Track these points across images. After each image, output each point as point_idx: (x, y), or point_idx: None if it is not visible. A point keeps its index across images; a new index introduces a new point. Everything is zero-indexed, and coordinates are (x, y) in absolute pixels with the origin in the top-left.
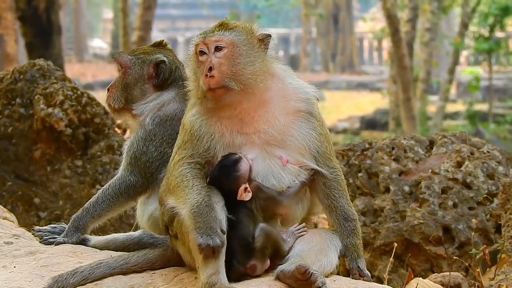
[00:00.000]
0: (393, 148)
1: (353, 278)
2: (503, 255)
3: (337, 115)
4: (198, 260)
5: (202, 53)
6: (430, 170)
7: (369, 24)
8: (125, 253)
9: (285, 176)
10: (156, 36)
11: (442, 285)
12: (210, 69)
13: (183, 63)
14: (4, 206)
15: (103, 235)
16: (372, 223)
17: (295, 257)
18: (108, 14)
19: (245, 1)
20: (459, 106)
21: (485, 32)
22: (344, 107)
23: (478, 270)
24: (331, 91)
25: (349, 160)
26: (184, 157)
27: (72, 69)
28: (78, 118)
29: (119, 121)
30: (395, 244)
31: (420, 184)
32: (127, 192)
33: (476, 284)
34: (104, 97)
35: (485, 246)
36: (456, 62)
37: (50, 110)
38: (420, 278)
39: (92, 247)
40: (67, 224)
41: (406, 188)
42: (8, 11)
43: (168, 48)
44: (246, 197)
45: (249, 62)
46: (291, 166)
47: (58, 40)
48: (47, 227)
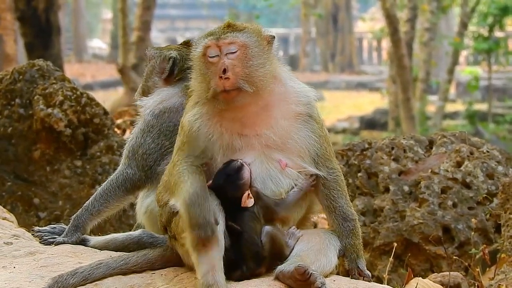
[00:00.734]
0: (393, 148)
1: (353, 278)
2: (503, 255)
3: (337, 115)
4: (194, 258)
5: (214, 55)
6: (430, 170)
7: (369, 24)
8: (125, 253)
9: (284, 180)
10: (155, 37)
11: (442, 285)
12: (224, 71)
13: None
14: (4, 207)
15: (103, 235)
16: (372, 223)
17: (295, 257)
18: (107, 15)
19: (244, 1)
20: (459, 106)
21: (485, 32)
22: (344, 107)
23: (478, 270)
24: (331, 91)
25: (349, 160)
26: (182, 158)
27: (72, 70)
28: (78, 119)
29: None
30: (395, 244)
31: (420, 184)
32: (124, 185)
33: (476, 284)
34: (104, 98)
35: (485, 246)
36: (456, 62)
37: (50, 111)
38: (420, 278)
39: (92, 247)
40: (67, 225)
41: (406, 188)
42: (8, 12)
43: (189, 46)
44: (250, 203)
45: (260, 64)
46: (290, 170)
47: (58, 41)
48: (47, 228)
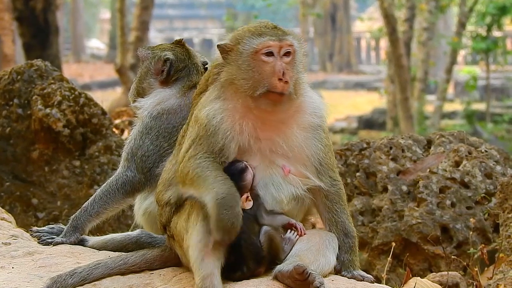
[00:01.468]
0: (391, 148)
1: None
2: (501, 254)
3: (335, 115)
4: (193, 260)
5: (270, 55)
6: (428, 170)
7: (367, 24)
8: (123, 254)
9: (285, 187)
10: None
11: (440, 285)
12: (283, 74)
13: (196, 63)
14: (2, 207)
15: (101, 235)
16: (370, 223)
17: (293, 257)
18: (106, 14)
19: (243, 1)
20: (457, 106)
21: (483, 32)
22: (342, 107)
23: (476, 270)
24: (329, 91)
25: (347, 160)
26: (200, 152)
27: (70, 70)
28: (76, 119)
29: (118, 121)
30: (393, 244)
31: (418, 184)
32: (124, 188)
33: (474, 284)
34: (102, 98)
35: (483, 246)
36: (454, 62)
37: (48, 111)
38: (418, 278)
39: (90, 248)
40: (66, 225)
41: (404, 188)
42: (6, 12)
43: (185, 48)
44: (247, 206)
45: (302, 71)
46: (293, 177)
47: (56, 41)
48: (45, 228)
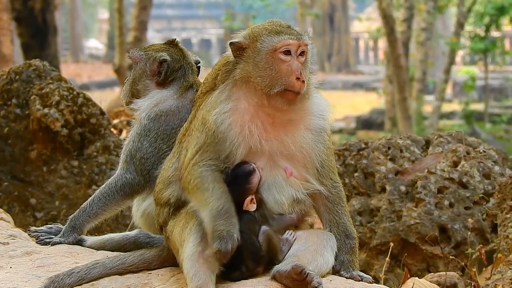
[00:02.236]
0: (389, 148)
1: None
2: (499, 255)
3: (333, 115)
4: (186, 271)
5: (288, 53)
6: (426, 170)
7: (365, 24)
8: (121, 253)
9: (287, 189)
10: (152, 37)
11: (438, 285)
12: (300, 73)
13: (191, 63)
14: (0, 207)
15: (99, 235)
16: (368, 223)
17: (291, 257)
18: (104, 15)
19: (241, 1)
20: (455, 106)
21: (481, 32)
22: (340, 107)
23: (474, 270)
24: (327, 91)
25: (345, 160)
26: (205, 159)
27: (68, 70)
28: (74, 119)
29: (116, 121)
30: (391, 244)
31: (416, 184)
32: (123, 190)
33: (472, 284)
34: (100, 98)
35: (481, 246)
36: (452, 62)
37: (46, 111)
38: (416, 278)
39: (88, 247)
40: (64, 225)
41: (402, 188)
42: (4, 12)
43: (179, 48)
44: (251, 208)
45: (311, 72)
46: (294, 180)
47: (54, 41)
48: (43, 228)
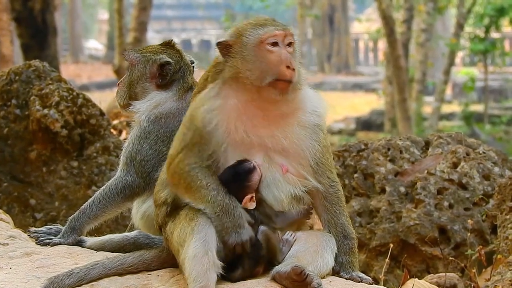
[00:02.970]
0: (389, 149)
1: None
2: (499, 256)
3: (333, 116)
4: (187, 273)
5: (275, 45)
6: (426, 171)
7: (365, 25)
8: (121, 254)
9: (285, 186)
10: (152, 37)
11: (438, 286)
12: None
13: (188, 64)
14: (0, 207)
15: (99, 236)
16: (368, 224)
17: (291, 258)
18: (104, 15)
19: (241, 2)
20: (455, 107)
21: (481, 33)
22: (340, 108)
23: (474, 271)
24: (327, 92)
25: (345, 161)
26: (192, 157)
27: (68, 70)
28: (74, 119)
29: (116, 122)
30: (391, 245)
31: (416, 185)
32: (124, 192)
33: (472, 285)
34: (100, 98)
35: (481, 247)
36: (452, 63)
37: (46, 111)
38: (416, 279)
39: (88, 248)
40: (63, 225)
41: (402, 189)
42: (4, 12)
43: (176, 49)
44: (250, 206)
45: (301, 64)
46: (291, 176)
47: (54, 41)
48: (43, 228)
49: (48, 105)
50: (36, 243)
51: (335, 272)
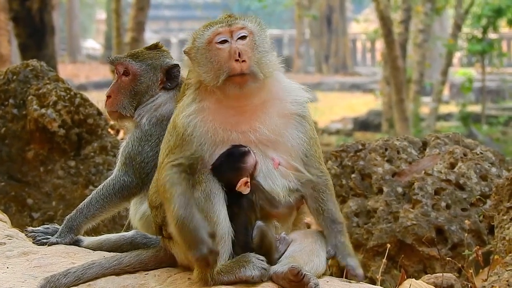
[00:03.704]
0: (386, 149)
1: (348, 276)
2: (496, 256)
3: (330, 116)
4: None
5: (224, 42)
6: (423, 171)
7: (362, 26)
8: (118, 254)
9: (279, 180)
10: (150, 37)
11: (435, 286)
12: (239, 55)
13: (180, 64)
14: None
15: (96, 236)
16: (365, 224)
17: (288, 258)
18: (101, 15)
19: (238, 2)
20: (452, 108)
21: (478, 34)
22: (337, 108)
23: (471, 271)
24: (324, 92)
25: (342, 161)
26: (172, 160)
27: (65, 70)
28: (71, 119)
29: (113, 122)
30: (388, 245)
31: (413, 185)
32: (121, 192)
33: (469, 285)
34: (98, 98)
35: (478, 247)
36: (449, 64)
37: (43, 111)
38: (413, 279)
39: (85, 248)
40: (60, 225)
41: (399, 189)
42: (1, 12)
43: (165, 50)
44: (244, 191)
45: (266, 52)
46: (284, 170)
47: (51, 41)
48: (40, 228)
49: (46, 105)
50: (33, 243)
51: (331, 256)
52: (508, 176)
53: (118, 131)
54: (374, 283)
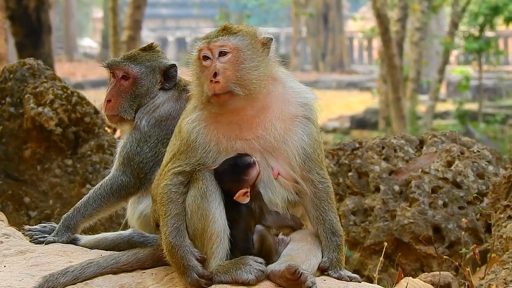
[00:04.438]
0: (383, 148)
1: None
2: (493, 255)
3: (327, 115)
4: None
5: (206, 58)
6: (420, 170)
7: (359, 24)
8: (115, 253)
9: (279, 190)
10: (146, 36)
11: (432, 285)
12: (215, 75)
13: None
14: None
15: (93, 235)
16: (362, 223)
17: (285, 257)
18: (98, 13)
19: (235, 1)
20: (449, 106)
21: (475, 32)
22: (334, 107)
23: (468, 270)
24: (321, 91)
25: (339, 160)
26: (175, 167)
27: (62, 68)
28: (68, 117)
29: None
30: (385, 244)
31: (410, 184)
32: (119, 192)
33: (466, 284)
34: (94, 97)
35: (475, 246)
36: (446, 62)
37: (40, 109)
38: (410, 278)
39: (82, 246)
40: (58, 224)
41: (396, 188)
42: None
43: (159, 50)
44: (243, 201)
45: (254, 67)
46: (283, 180)
47: (48, 40)
48: (37, 226)
49: (43, 103)
50: (31, 241)
51: (323, 269)
52: (505, 175)
53: (115, 130)
54: (371, 282)
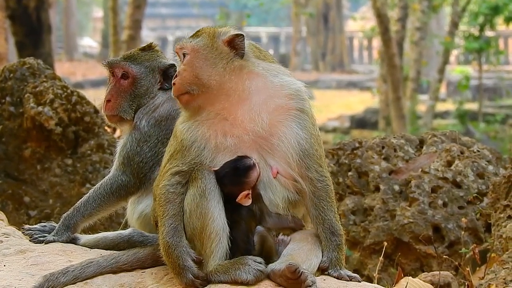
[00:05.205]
0: (383, 147)
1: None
2: (493, 254)
3: (327, 114)
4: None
5: (180, 60)
6: (420, 169)
7: (359, 23)
8: (115, 252)
9: (279, 189)
10: (146, 35)
11: (432, 284)
12: (175, 77)
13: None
14: None
15: (93, 234)
16: (362, 222)
17: (286, 256)
18: (98, 13)
19: (235, 0)
20: (449, 105)
21: (475, 31)
22: (334, 106)
23: (468, 269)
24: (321, 90)
25: (339, 159)
26: (172, 167)
27: (62, 68)
28: (68, 117)
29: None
30: (385, 243)
31: (410, 183)
32: (119, 192)
33: (466, 283)
34: (94, 96)
35: (475, 245)
36: (446, 61)
37: (40, 109)
38: (410, 277)
39: (82, 246)
40: (57, 223)
41: (396, 187)
42: None
43: (159, 50)
44: (245, 203)
45: (210, 65)
46: (283, 179)
47: (48, 39)
48: (37, 226)
49: (43, 103)
50: (30, 241)
51: (323, 269)
52: (505, 174)
53: (115, 129)
54: (371, 281)
